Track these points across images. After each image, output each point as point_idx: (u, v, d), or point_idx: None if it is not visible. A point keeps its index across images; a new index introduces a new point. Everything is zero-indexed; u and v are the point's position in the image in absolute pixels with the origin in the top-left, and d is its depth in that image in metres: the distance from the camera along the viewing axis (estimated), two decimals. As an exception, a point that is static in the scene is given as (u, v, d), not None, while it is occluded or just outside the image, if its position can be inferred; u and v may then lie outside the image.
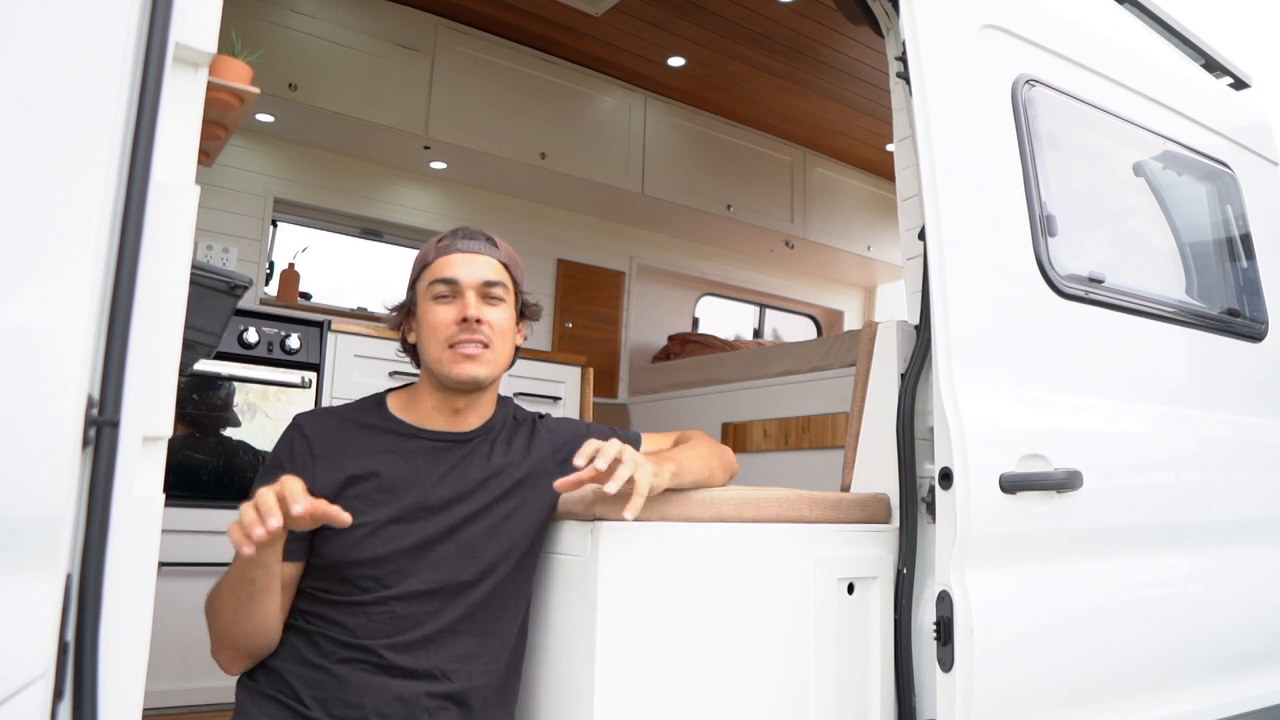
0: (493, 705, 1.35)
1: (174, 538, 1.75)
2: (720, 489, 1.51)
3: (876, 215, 5.27)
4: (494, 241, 1.46)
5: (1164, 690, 1.79)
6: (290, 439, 1.38)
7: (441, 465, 1.39)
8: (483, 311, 1.39)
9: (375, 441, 1.39)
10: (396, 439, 1.40)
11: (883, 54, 1.90)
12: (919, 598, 1.62)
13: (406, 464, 1.37)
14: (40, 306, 0.74)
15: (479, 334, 1.38)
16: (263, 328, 2.85)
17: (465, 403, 1.42)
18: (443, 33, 3.73)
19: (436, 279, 1.40)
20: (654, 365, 4.52)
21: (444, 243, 1.44)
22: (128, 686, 0.85)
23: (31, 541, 0.72)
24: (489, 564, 1.36)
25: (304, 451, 1.35)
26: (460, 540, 1.35)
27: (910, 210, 1.79)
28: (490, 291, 1.41)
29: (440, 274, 1.40)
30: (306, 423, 1.39)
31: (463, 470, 1.40)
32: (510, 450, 1.46)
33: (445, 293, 1.39)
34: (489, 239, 1.46)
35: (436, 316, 1.39)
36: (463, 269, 1.40)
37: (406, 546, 1.32)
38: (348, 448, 1.36)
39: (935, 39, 1.72)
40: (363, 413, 1.44)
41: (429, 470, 1.38)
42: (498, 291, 1.41)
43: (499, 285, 1.42)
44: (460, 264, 1.40)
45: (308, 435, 1.37)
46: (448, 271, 1.40)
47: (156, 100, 0.84)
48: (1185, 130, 2.22)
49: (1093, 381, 1.81)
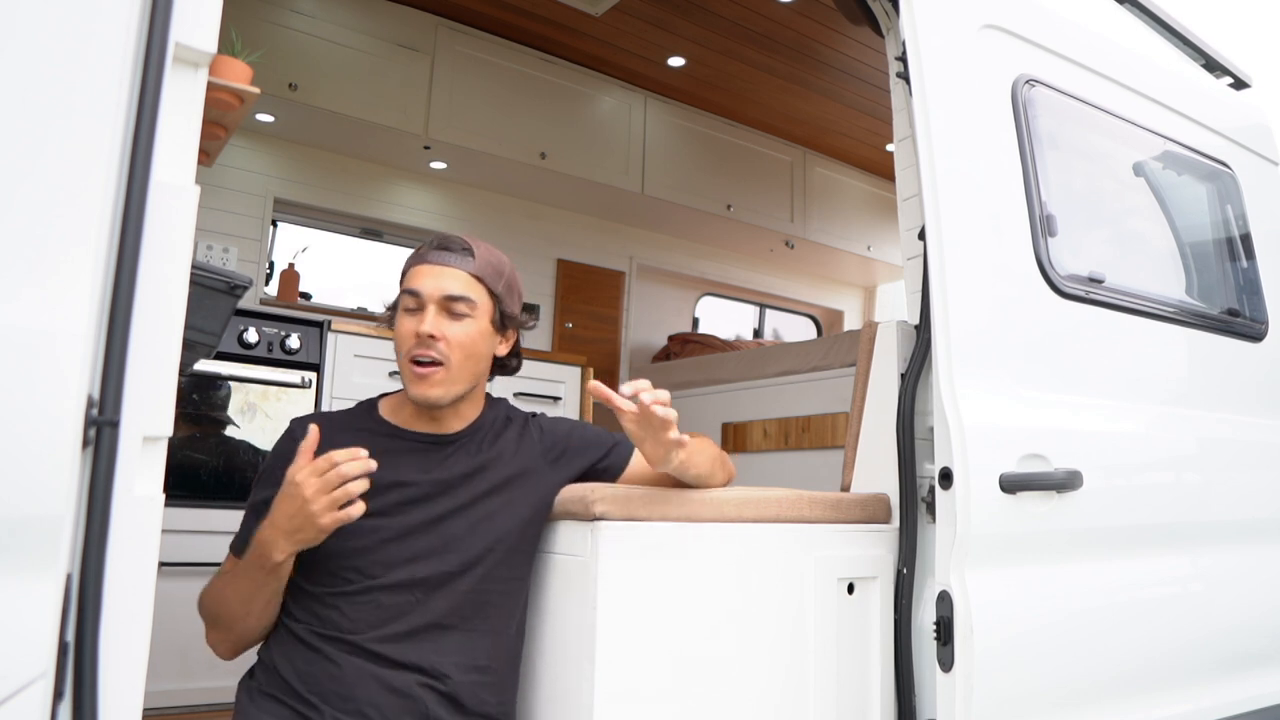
0: (488, 704, 1.35)
1: (174, 538, 1.75)
2: (721, 489, 1.51)
3: (876, 215, 5.27)
4: (470, 252, 1.43)
5: (1164, 690, 1.79)
6: (284, 442, 1.42)
7: (426, 463, 1.41)
8: (441, 327, 1.37)
9: (361, 443, 1.37)
10: (383, 439, 1.41)
11: (883, 54, 1.90)
12: (919, 598, 1.62)
13: (389, 461, 1.37)
14: (40, 306, 0.74)
15: (433, 349, 1.37)
16: (263, 328, 2.85)
17: (440, 412, 1.44)
18: (443, 33, 3.73)
19: (405, 289, 1.42)
20: (654, 365, 4.52)
21: (420, 251, 1.44)
22: (128, 686, 0.85)
23: (31, 541, 0.72)
24: (471, 557, 1.37)
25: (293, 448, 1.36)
26: (441, 532, 1.37)
27: (910, 210, 1.79)
28: (452, 307, 1.39)
29: (408, 285, 1.42)
30: (299, 427, 1.41)
31: (447, 465, 1.42)
32: (498, 446, 1.47)
33: (411, 304, 1.41)
34: (465, 249, 1.43)
35: (400, 327, 1.41)
36: (426, 282, 1.40)
37: (388, 537, 1.34)
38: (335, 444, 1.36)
39: (935, 39, 1.72)
40: (355, 417, 1.47)
41: (411, 465, 1.40)
42: (460, 307, 1.39)
43: (462, 300, 1.39)
44: (425, 276, 1.40)
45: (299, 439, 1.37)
46: (414, 283, 1.41)
47: (156, 100, 0.84)
48: (1185, 130, 2.22)
49: (1093, 381, 1.81)
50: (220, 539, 1.40)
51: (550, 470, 1.48)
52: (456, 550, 1.37)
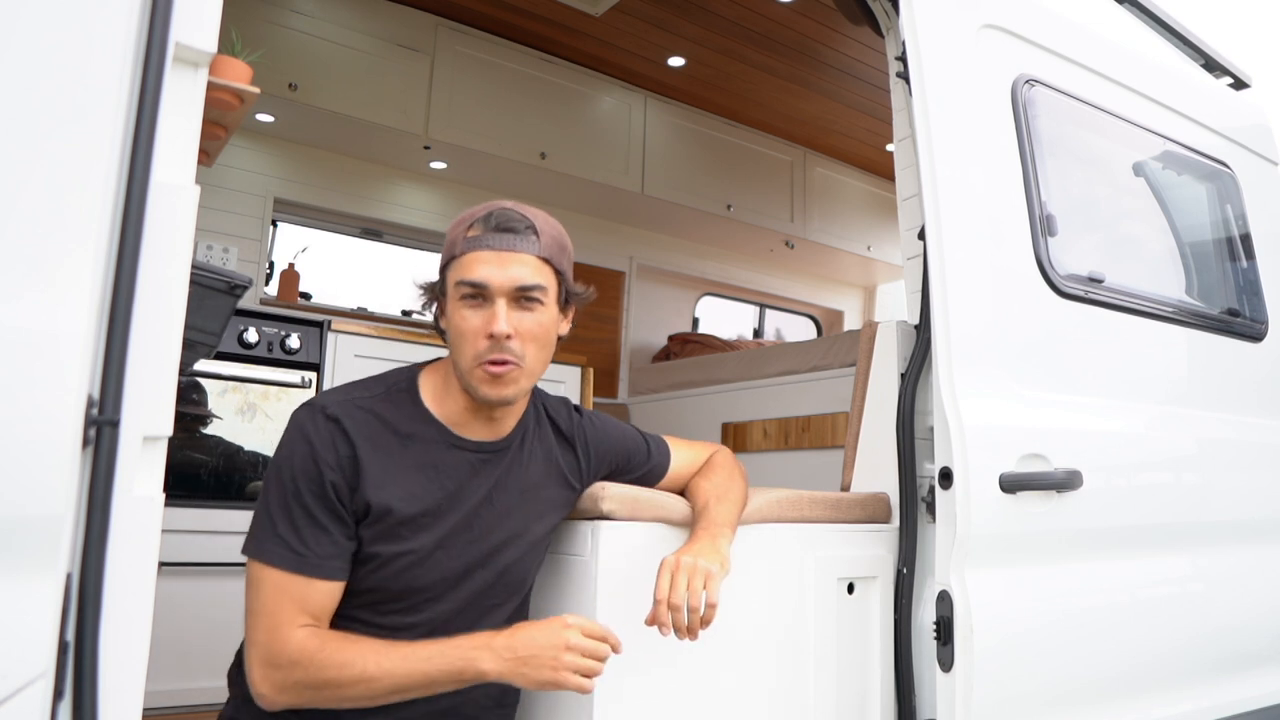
0: (489, 710, 1.34)
1: (174, 538, 1.75)
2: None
3: (876, 215, 5.27)
4: (534, 229, 1.25)
5: (1164, 690, 1.79)
6: (331, 438, 1.20)
7: (484, 482, 1.30)
8: (515, 322, 1.22)
9: (414, 456, 1.26)
10: (437, 450, 1.28)
11: (883, 54, 1.90)
12: (919, 597, 1.62)
13: (450, 482, 1.28)
14: (40, 306, 0.74)
15: (508, 351, 1.22)
16: (263, 328, 2.85)
17: (501, 412, 1.31)
18: (443, 33, 3.73)
19: (463, 279, 1.22)
20: (654, 365, 4.52)
21: (474, 233, 1.24)
22: (128, 686, 0.85)
23: (31, 541, 0.72)
24: (520, 587, 1.35)
25: (349, 457, 1.21)
26: (498, 565, 1.31)
27: (910, 210, 1.79)
28: (525, 295, 1.23)
29: (468, 275, 1.22)
30: (344, 416, 1.22)
31: (503, 486, 1.32)
32: (550, 462, 1.39)
33: (472, 294, 1.22)
34: (529, 227, 1.25)
35: (465, 322, 1.23)
36: (492, 271, 1.21)
37: (448, 575, 1.26)
38: (389, 462, 1.24)
39: (935, 39, 1.72)
40: (398, 410, 1.28)
41: (472, 490, 1.29)
42: (535, 294, 1.23)
43: (536, 289, 1.23)
44: (490, 265, 1.21)
45: (350, 437, 1.21)
46: (476, 274, 1.21)
47: (156, 100, 0.84)
48: (1185, 130, 2.22)
49: (1092, 381, 1.81)
50: (220, 539, 1.38)
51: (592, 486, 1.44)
52: (509, 582, 1.32)
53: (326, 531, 1.18)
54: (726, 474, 1.50)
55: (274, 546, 1.17)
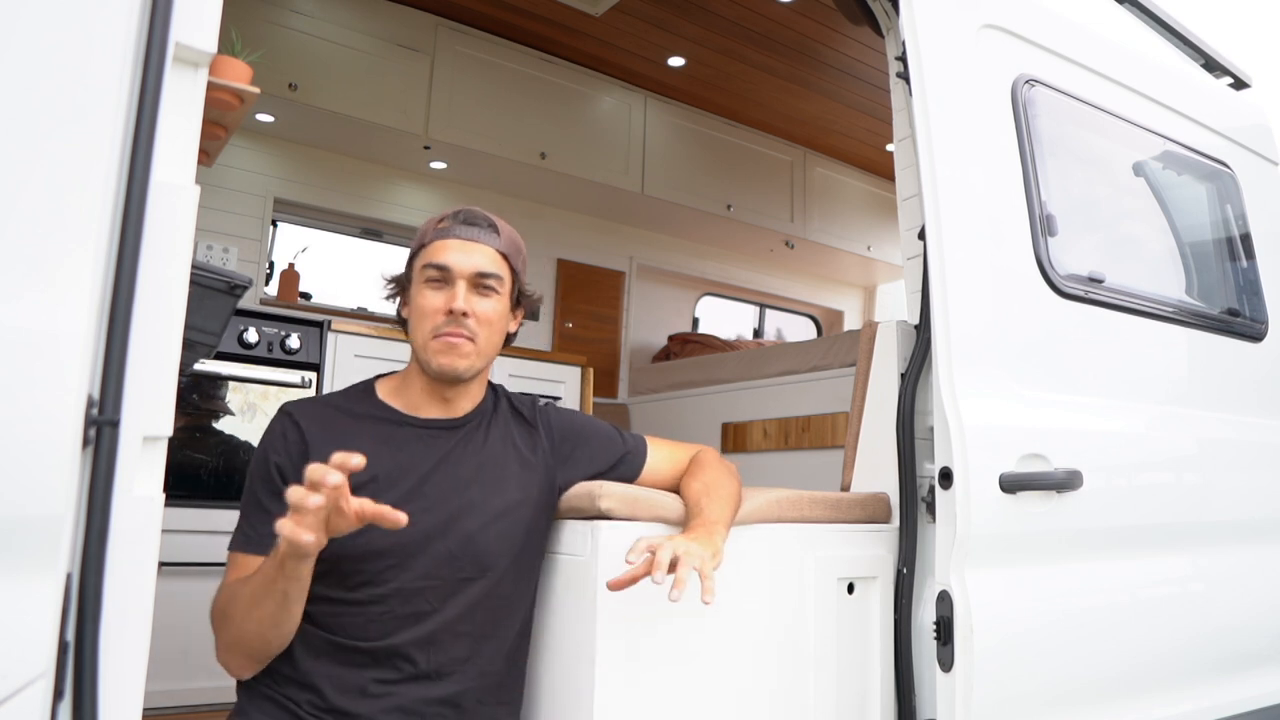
0: (489, 705, 1.34)
1: (174, 538, 1.74)
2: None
3: (876, 215, 5.27)
4: (495, 228, 1.42)
5: (1164, 690, 1.79)
6: (281, 429, 1.35)
7: (435, 453, 1.37)
8: (471, 304, 1.36)
9: (366, 431, 1.36)
10: (388, 427, 1.38)
11: (883, 54, 1.90)
12: (919, 597, 1.62)
13: (400, 453, 1.35)
14: (41, 307, 0.74)
15: (464, 327, 1.36)
16: (263, 328, 2.85)
17: (454, 391, 1.41)
18: (443, 33, 3.73)
19: (430, 263, 1.38)
20: (654, 365, 4.52)
21: (443, 224, 1.41)
22: (128, 686, 0.85)
23: (31, 541, 0.72)
24: (488, 560, 1.34)
25: (297, 441, 1.33)
26: (458, 533, 1.33)
27: (910, 210, 1.79)
28: (483, 282, 1.38)
29: (434, 259, 1.38)
30: (296, 410, 1.37)
31: (457, 459, 1.38)
32: (507, 440, 1.44)
33: (437, 277, 1.37)
34: (490, 225, 1.42)
35: (426, 301, 1.37)
36: (457, 256, 1.37)
37: (405, 542, 1.28)
38: (339, 439, 1.30)
39: (935, 39, 1.72)
40: (352, 400, 1.42)
41: (422, 458, 1.36)
42: (490, 283, 1.39)
43: (493, 277, 1.39)
44: (455, 251, 1.38)
45: (299, 424, 1.35)
46: (441, 257, 1.37)
47: (156, 100, 0.84)
48: (1185, 130, 2.22)
49: (1092, 381, 1.81)
50: (221, 539, 1.38)
51: (560, 467, 1.46)
52: (472, 553, 1.33)
53: (269, 512, 1.24)
54: (716, 472, 1.50)
55: (235, 536, 1.32)
